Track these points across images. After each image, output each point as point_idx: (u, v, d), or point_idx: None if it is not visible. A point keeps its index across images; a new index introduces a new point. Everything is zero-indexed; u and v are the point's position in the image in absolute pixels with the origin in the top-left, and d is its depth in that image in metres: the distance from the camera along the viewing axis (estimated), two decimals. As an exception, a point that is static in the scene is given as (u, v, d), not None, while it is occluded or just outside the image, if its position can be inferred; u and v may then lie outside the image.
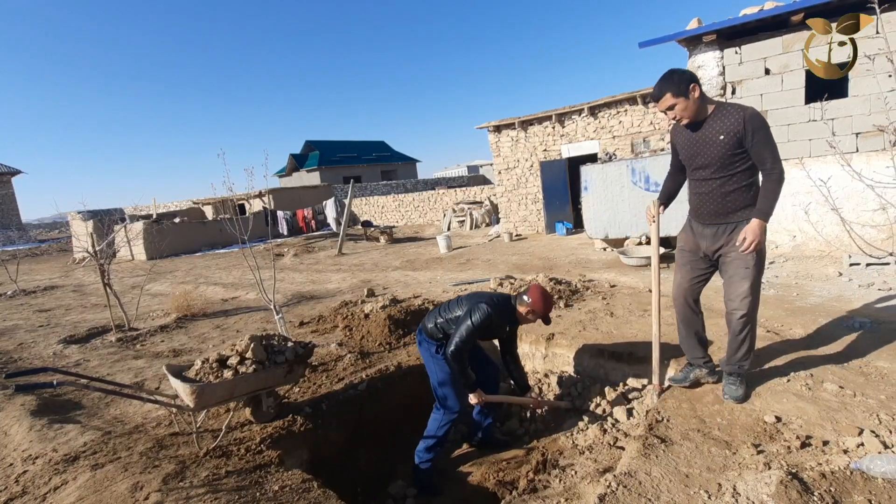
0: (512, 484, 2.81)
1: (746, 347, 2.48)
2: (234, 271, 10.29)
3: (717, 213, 2.45)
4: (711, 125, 2.35)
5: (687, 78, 2.30)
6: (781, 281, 5.09)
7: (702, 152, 2.41)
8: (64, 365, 4.51)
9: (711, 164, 2.39)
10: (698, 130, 2.41)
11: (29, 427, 3.03)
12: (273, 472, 2.51)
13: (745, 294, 2.37)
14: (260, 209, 17.70)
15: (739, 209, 2.40)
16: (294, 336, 4.66)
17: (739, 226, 2.38)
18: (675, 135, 2.58)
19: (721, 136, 2.31)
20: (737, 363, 2.53)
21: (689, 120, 2.38)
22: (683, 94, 2.30)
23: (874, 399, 2.41)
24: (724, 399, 2.56)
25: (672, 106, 2.33)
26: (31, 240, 24.37)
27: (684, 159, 2.56)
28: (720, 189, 2.40)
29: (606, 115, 10.52)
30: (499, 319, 2.78)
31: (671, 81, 2.31)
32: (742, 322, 2.43)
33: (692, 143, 2.45)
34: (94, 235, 7.48)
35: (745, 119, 2.26)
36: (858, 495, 1.72)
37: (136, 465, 2.48)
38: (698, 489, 1.90)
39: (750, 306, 2.39)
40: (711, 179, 2.42)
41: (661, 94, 2.34)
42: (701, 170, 2.46)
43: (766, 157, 2.28)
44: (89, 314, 7.05)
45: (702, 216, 2.53)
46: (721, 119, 2.32)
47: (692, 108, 2.33)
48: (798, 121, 5.90)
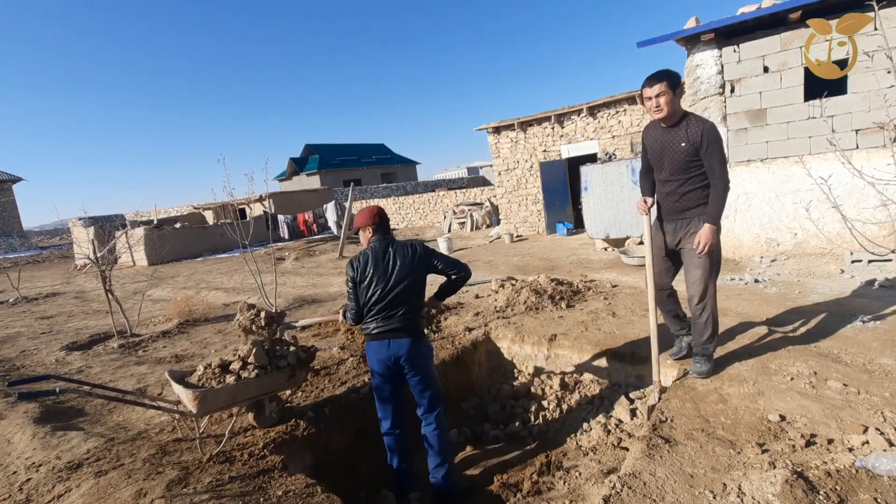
0: (516, 486, 2.80)
1: (710, 332, 2.81)
2: (236, 276, 10.30)
3: (676, 210, 2.81)
4: (678, 132, 2.68)
5: (679, 79, 2.64)
6: (783, 279, 5.08)
7: (666, 156, 2.75)
8: (66, 372, 4.51)
9: (671, 167, 2.74)
10: (667, 134, 2.72)
11: (32, 435, 3.03)
12: (276, 477, 2.50)
13: (698, 280, 2.73)
14: (261, 213, 17.73)
15: (693, 207, 2.75)
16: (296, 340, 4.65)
17: (693, 221, 2.76)
18: (646, 135, 2.90)
19: (683, 143, 2.65)
20: (702, 346, 2.86)
21: (665, 115, 2.65)
22: (674, 89, 2.61)
23: (878, 396, 2.40)
24: (691, 374, 2.88)
25: (661, 93, 2.59)
26: (32, 247, 24.42)
27: (652, 160, 2.89)
28: (678, 189, 2.76)
29: (605, 115, 10.52)
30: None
31: (670, 74, 2.61)
32: (700, 307, 2.77)
33: (659, 146, 2.78)
34: (95, 242, 7.48)
35: (704, 132, 2.60)
36: (864, 493, 1.71)
37: (139, 471, 2.47)
38: (703, 489, 1.90)
39: (703, 291, 2.74)
40: (671, 181, 2.78)
41: (660, 80, 2.59)
42: (662, 171, 2.81)
43: (715, 166, 2.62)
44: (91, 321, 7.06)
45: (664, 213, 2.90)
46: (686, 128, 2.65)
47: (674, 105, 2.64)
48: (797, 118, 5.90)
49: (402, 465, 2.76)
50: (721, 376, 2.84)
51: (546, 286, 5.23)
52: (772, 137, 6.10)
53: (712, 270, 2.75)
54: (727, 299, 4.43)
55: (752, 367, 2.90)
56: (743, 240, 6.49)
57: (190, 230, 16.18)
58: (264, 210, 18.11)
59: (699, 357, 2.89)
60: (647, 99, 2.66)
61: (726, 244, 6.68)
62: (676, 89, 2.61)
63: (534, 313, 4.71)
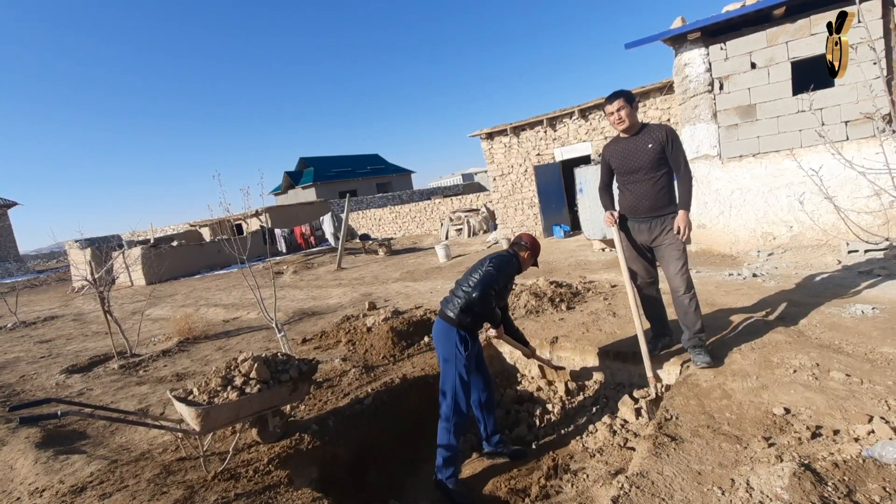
0: (524, 491, 2.78)
1: (700, 321, 2.99)
2: (234, 292, 10.27)
3: (653, 208, 3.03)
4: (642, 138, 3.00)
5: (633, 96, 3.02)
6: (781, 272, 5.10)
7: (635, 158, 3.02)
8: (67, 395, 4.47)
9: (643, 167, 3.00)
10: (631, 143, 3.03)
11: (34, 460, 3.00)
12: (283, 492, 2.48)
13: (679, 271, 2.96)
14: (257, 228, 17.71)
15: (667, 204, 3.02)
16: (297, 353, 4.64)
17: (667, 219, 2.99)
18: (608, 151, 3.20)
19: (650, 144, 2.96)
20: (695, 335, 3.00)
21: (628, 125, 2.99)
22: (630, 104, 2.98)
23: (882, 385, 2.41)
24: (695, 365, 2.97)
25: (621, 107, 2.96)
26: (29, 271, 24.30)
27: (617, 167, 3.15)
28: (653, 187, 3.01)
29: (597, 117, 10.59)
30: (512, 268, 3.05)
31: (625, 92, 3.01)
32: (687, 297, 2.97)
33: (626, 153, 3.06)
34: (92, 263, 7.46)
35: (667, 132, 2.95)
36: (872, 483, 1.71)
37: (144, 492, 2.45)
38: (711, 486, 1.89)
39: (687, 280, 2.97)
40: (644, 181, 3.02)
41: (617, 98, 2.98)
42: (634, 173, 3.05)
43: (680, 161, 2.95)
44: (90, 342, 7.02)
45: (639, 212, 3.10)
46: (649, 133, 2.99)
47: (634, 116, 3.00)
48: (787, 112, 5.95)
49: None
50: (724, 371, 2.84)
51: (545, 289, 5.23)
52: (763, 132, 6.15)
53: (687, 262, 2.99)
54: (726, 294, 4.44)
55: (754, 361, 2.90)
56: (739, 235, 6.51)
57: (187, 248, 16.15)
58: (261, 225, 18.11)
59: (698, 349, 3.00)
60: (610, 114, 3.03)
61: (724, 239, 6.71)
62: (633, 103, 2.98)
63: (534, 316, 4.70)
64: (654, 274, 3.25)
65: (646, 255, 3.21)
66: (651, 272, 3.24)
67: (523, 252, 3.17)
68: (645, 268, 3.22)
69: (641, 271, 3.23)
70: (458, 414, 2.84)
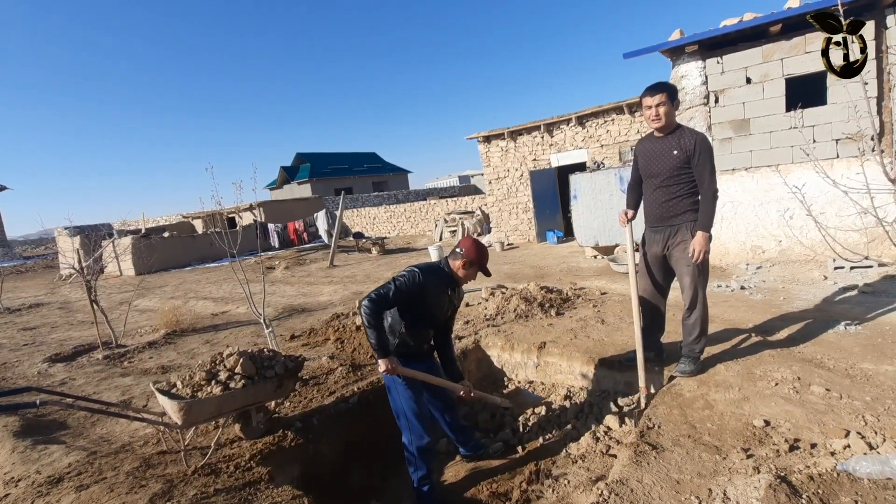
0: (505, 495, 2.78)
1: (698, 332, 2.91)
2: (225, 285, 10.20)
3: (662, 217, 2.89)
4: (670, 141, 2.78)
5: (677, 92, 2.83)
6: (768, 285, 5.16)
7: (656, 163, 2.84)
8: (49, 384, 4.42)
9: (661, 173, 2.82)
10: (659, 143, 2.83)
11: (11, 449, 2.96)
12: (263, 489, 2.47)
13: (688, 286, 2.84)
14: (251, 222, 17.61)
15: (681, 214, 2.83)
16: (285, 349, 4.61)
17: (681, 229, 2.83)
18: (639, 147, 3.01)
19: (675, 151, 2.75)
20: (689, 346, 2.97)
21: (663, 124, 2.77)
22: (672, 101, 2.75)
23: (860, 401, 2.44)
24: (675, 373, 2.97)
25: (661, 103, 2.72)
26: (15, 257, 23.95)
27: (642, 167, 2.97)
28: (665, 196, 2.84)
29: (594, 125, 10.66)
30: (432, 281, 2.47)
31: (670, 86, 2.75)
32: (689, 311, 2.89)
33: (651, 154, 2.88)
34: (80, 251, 7.38)
35: (697, 142, 2.70)
36: (845, 496, 1.74)
37: (122, 485, 2.43)
38: (689, 495, 1.91)
39: (693, 296, 2.85)
40: (660, 187, 2.85)
41: (660, 91, 2.72)
42: (653, 178, 2.89)
43: (705, 176, 2.71)
44: (76, 332, 6.93)
45: (651, 220, 2.98)
46: (679, 138, 2.76)
47: (672, 115, 2.78)
48: (779, 128, 6.03)
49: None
50: (707, 382, 2.87)
51: (536, 294, 5.25)
52: (755, 147, 6.22)
53: (701, 276, 2.85)
54: (714, 306, 4.48)
55: (737, 372, 2.93)
56: (729, 247, 6.58)
57: (178, 239, 16.01)
58: (254, 219, 18.00)
59: (685, 358, 3.01)
60: (647, 108, 2.77)
61: (714, 252, 6.77)
62: (674, 101, 2.75)
63: (524, 321, 4.72)
64: (657, 295, 3.11)
65: (655, 274, 3.05)
66: (655, 294, 3.10)
67: (456, 261, 2.55)
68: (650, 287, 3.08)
69: (645, 286, 3.09)
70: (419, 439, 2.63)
